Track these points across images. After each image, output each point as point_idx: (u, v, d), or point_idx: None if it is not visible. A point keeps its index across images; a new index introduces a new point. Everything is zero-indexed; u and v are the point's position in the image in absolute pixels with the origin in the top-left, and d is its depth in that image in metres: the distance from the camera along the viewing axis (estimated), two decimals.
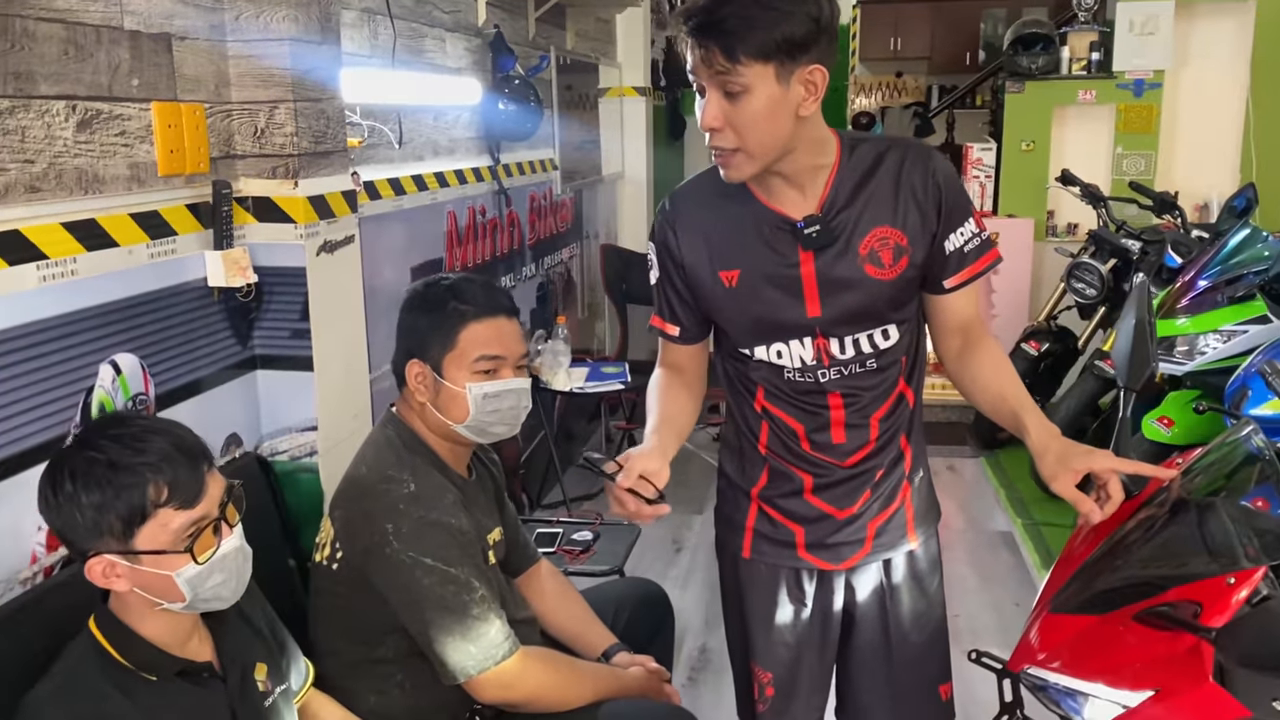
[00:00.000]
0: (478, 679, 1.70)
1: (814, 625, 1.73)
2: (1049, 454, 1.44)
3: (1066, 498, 1.40)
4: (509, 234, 3.80)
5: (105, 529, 1.29)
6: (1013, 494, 4.27)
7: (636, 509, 1.40)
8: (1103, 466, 1.38)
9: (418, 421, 1.82)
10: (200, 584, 1.33)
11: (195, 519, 1.32)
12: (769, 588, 1.73)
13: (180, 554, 1.31)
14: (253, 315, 2.10)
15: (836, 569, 1.70)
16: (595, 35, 5.07)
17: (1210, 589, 1.25)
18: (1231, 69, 5.54)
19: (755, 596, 1.74)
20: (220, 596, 1.38)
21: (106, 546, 1.29)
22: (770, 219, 1.53)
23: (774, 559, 1.71)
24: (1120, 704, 1.31)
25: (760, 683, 1.76)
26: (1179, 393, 3.40)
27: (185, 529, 1.31)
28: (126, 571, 1.30)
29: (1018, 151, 5.62)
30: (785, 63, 1.37)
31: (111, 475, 1.28)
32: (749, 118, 1.40)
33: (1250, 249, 3.48)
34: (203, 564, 1.33)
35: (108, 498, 1.28)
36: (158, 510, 1.29)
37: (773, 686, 1.75)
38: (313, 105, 2.10)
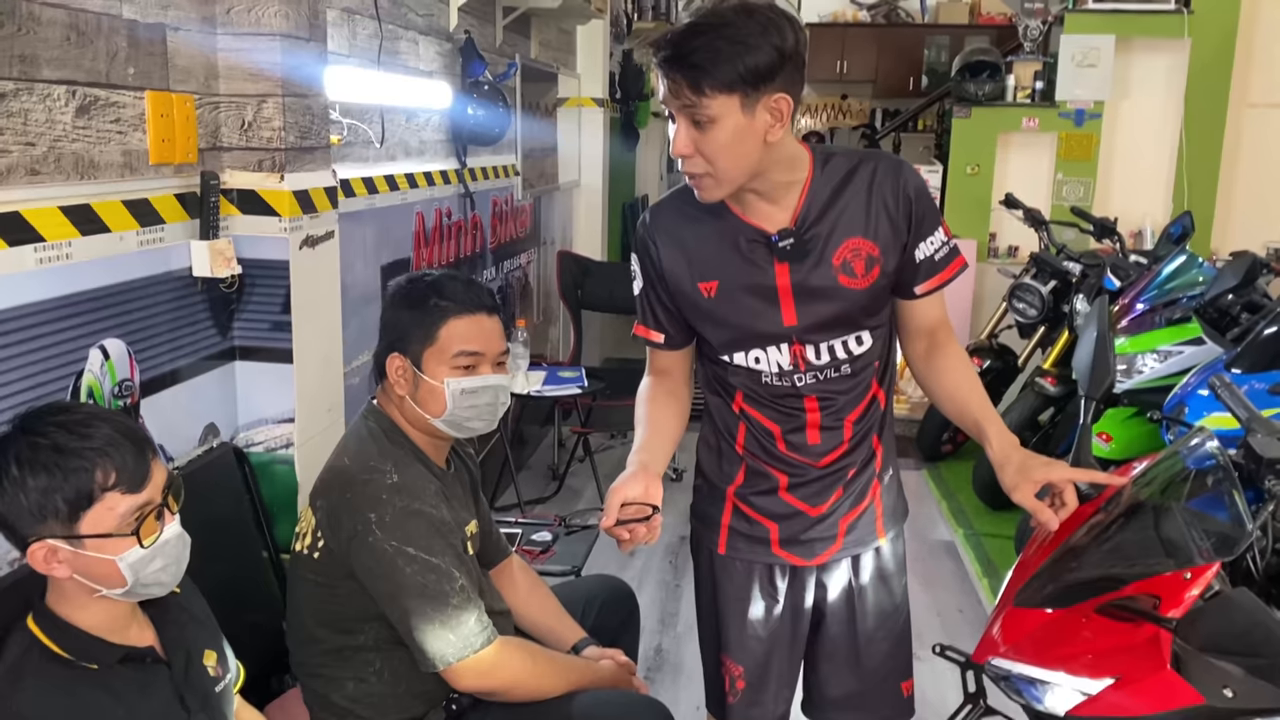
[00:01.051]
0: (456, 667, 1.73)
1: (785, 620, 1.79)
2: (1010, 465, 1.53)
3: (1026, 506, 1.49)
4: (472, 237, 3.83)
5: (50, 513, 1.28)
6: (954, 504, 4.40)
7: (632, 537, 1.46)
8: (1060, 477, 1.47)
9: (397, 414, 1.84)
10: (142, 568, 1.33)
11: (140, 504, 1.32)
12: (743, 583, 1.78)
13: (126, 537, 1.31)
14: (233, 306, 2.11)
15: (809, 565, 1.76)
16: (557, 45, 5.12)
17: (1168, 584, 1.34)
18: (1166, 102, 5.79)
19: (729, 591, 1.80)
20: (160, 582, 1.38)
21: (50, 531, 1.29)
22: (746, 232, 1.59)
23: (749, 555, 1.77)
24: (1081, 691, 1.39)
25: (731, 675, 1.81)
26: (1117, 409, 3.54)
27: (130, 513, 1.31)
28: (69, 557, 1.30)
29: (963, 175, 5.80)
30: (750, 93, 1.43)
31: (58, 459, 1.28)
32: (717, 146, 1.47)
33: (1186, 274, 3.65)
34: (148, 548, 1.33)
35: (55, 481, 1.28)
36: (104, 494, 1.30)
37: (744, 679, 1.80)
38: (299, 101, 2.13)
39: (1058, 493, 1.49)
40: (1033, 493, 1.48)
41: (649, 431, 1.66)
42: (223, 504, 2.07)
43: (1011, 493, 1.51)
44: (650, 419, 1.68)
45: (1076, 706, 1.40)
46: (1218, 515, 1.45)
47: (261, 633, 2.03)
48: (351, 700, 1.79)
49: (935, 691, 2.60)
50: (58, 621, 1.34)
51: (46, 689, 1.30)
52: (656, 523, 1.47)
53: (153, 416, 1.91)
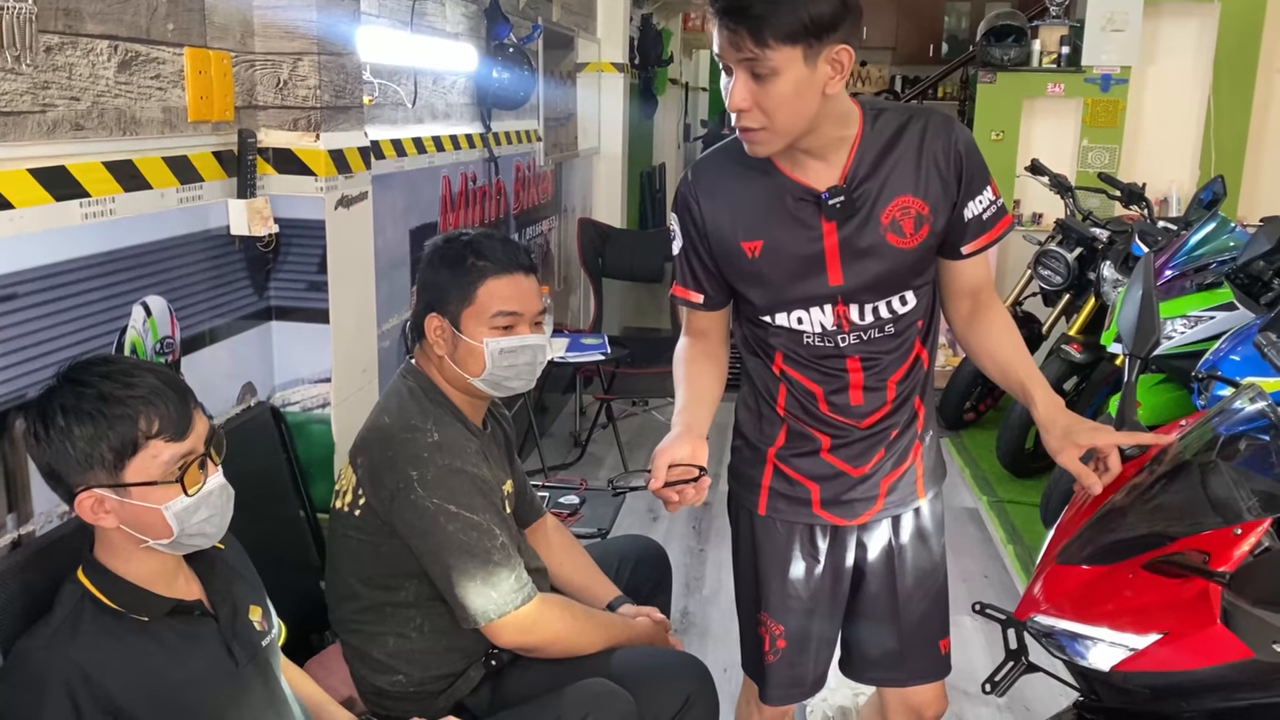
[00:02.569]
0: (497, 623, 1.74)
1: (826, 580, 1.79)
2: (1055, 428, 1.53)
3: (1071, 470, 1.49)
4: (496, 202, 3.82)
5: (96, 461, 1.29)
6: (977, 472, 4.40)
7: (680, 499, 1.45)
8: (1106, 442, 1.48)
9: (436, 374, 1.85)
10: (188, 518, 1.34)
11: (184, 452, 1.33)
12: (784, 543, 1.78)
13: (170, 485, 1.32)
14: (269, 266, 2.11)
15: (849, 525, 1.76)
16: (578, 9, 5.09)
17: (1218, 540, 1.33)
18: (1195, 67, 5.72)
19: (770, 552, 1.79)
20: (205, 533, 1.39)
21: (96, 480, 1.30)
22: (794, 190, 1.57)
23: (789, 516, 1.76)
24: (1127, 646, 1.39)
25: (772, 634, 1.81)
26: (1145, 376, 3.52)
27: (174, 462, 1.32)
28: (115, 506, 1.31)
29: (988, 141, 5.75)
30: (813, 44, 1.39)
31: (103, 407, 1.29)
32: (777, 99, 1.43)
33: (1217, 239, 3.62)
34: (192, 496, 1.34)
35: (100, 429, 1.28)
36: (149, 442, 1.30)
37: (784, 638, 1.80)
38: (334, 60, 2.12)
39: (1102, 458, 1.49)
40: (1077, 456, 1.49)
41: (689, 393, 1.64)
42: (260, 463, 2.08)
43: (1057, 456, 1.51)
44: (690, 380, 1.67)
45: (1122, 662, 1.40)
46: (1262, 473, 1.45)
47: (300, 590, 2.05)
48: (392, 655, 1.81)
49: (961, 655, 2.61)
50: (107, 573, 1.36)
51: (101, 640, 1.32)
52: (704, 484, 1.46)
53: (192, 375, 1.92)
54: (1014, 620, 1.60)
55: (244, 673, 1.44)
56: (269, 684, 1.49)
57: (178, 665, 1.36)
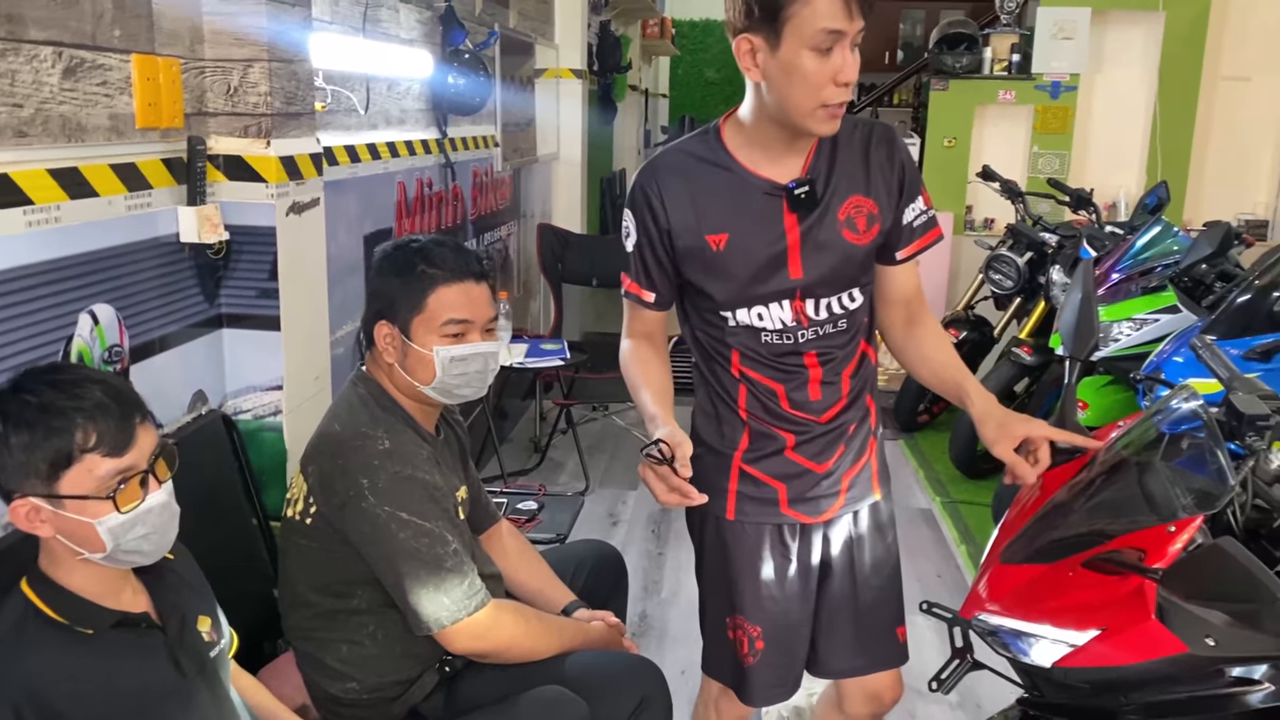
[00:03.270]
0: (450, 629, 1.74)
1: (798, 577, 1.81)
2: (991, 420, 1.58)
3: (1005, 460, 1.54)
4: (453, 207, 3.82)
5: (32, 470, 1.28)
6: (931, 474, 4.45)
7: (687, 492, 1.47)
8: (1039, 434, 1.54)
9: (387, 381, 1.84)
10: (122, 534, 1.33)
11: (122, 468, 1.31)
12: (754, 545, 1.79)
13: (103, 500, 1.30)
14: (220, 274, 2.10)
15: (816, 522, 1.79)
16: (535, 15, 5.09)
17: (1153, 537, 1.37)
18: (1141, 75, 5.84)
19: (741, 555, 1.80)
20: (141, 550, 1.37)
21: (32, 489, 1.29)
22: (758, 185, 1.61)
23: (758, 518, 1.78)
24: (1067, 643, 1.42)
25: (750, 636, 1.81)
26: (1092, 377, 3.59)
27: (111, 477, 1.31)
28: (50, 516, 1.30)
29: (940, 147, 5.84)
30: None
31: (42, 418, 1.28)
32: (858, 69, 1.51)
33: (1161, 243, 3.70)
34: (125, 514, 1.32)
35: (36, 439, 1.27)
36: (84, 455, 1.29)
37: (763, 640, 1.81)
38: (285, 66, 2.11)
39: (1034, 449, 1.54)
40: (1011, 447, 1.54)
41: (656, 392, 1.66)
42: (211, 472, 2.07)
43: (992, 446, 1.56)
44: (648, 380, 1.69)
45: (1062, 658, 1.42)
46: (1198, 472, 1.48)
47: (252, 599, 2.04)
48: (345, 663, 1.80)
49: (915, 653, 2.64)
50: (51, 585, 1.34)
51: (46, 653, 1.30)
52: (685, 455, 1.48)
53: (142, 383, 1.90)
54: (959, 619, 1.63)
55: (192, 685, 1.43)
56: (217, 696, 1.48)
57: (124, 678, 1.35)
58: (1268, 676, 1.30)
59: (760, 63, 1.51)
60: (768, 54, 1.50)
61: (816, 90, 1.48)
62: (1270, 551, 1.40)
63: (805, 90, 1.49)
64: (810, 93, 1.49)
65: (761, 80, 1.53)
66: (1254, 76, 5.93)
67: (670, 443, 1.47)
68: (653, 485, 1.48)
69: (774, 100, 1.54)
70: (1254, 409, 1.47)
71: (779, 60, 1.49)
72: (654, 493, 1.48)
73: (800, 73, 1.48)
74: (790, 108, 1.52)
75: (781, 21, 1.46)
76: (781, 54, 1.48)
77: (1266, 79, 5.91)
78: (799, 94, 1.50)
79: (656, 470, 1.47)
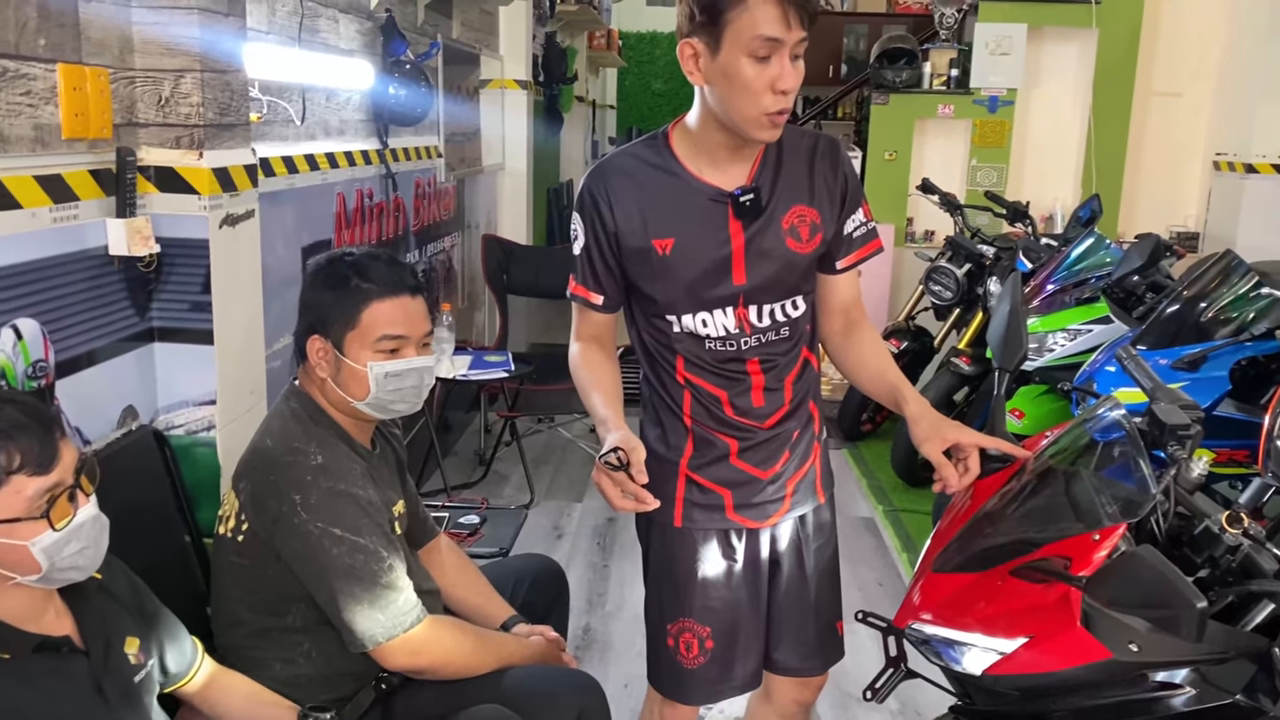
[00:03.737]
0: (386, 646, 1.73)
1: (746, 575, 1.82)
2: (924, 421, 1.62)
3: (933, 460, 1.57)
4: (394, 218, 3.79)
5: None
6: (873, 482, 4.50)
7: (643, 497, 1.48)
8: (969, 440, 1.57)
9: (320, 395, 1.82)
10: (57, 553, 1.30)
11: (49, 486, 1.29)
12: (701, 549, 1.81)
13: (37, 520, 1.28)
14: (152, 286, 2.07)
15: (761, 526, 1.81)
16: (479, 26, 5.08)
17: (1078, 545, 1.39)
18: (1076, 90, 5.97)
19: (688, 559, 1.81)
20: (78, 566, 1.35)
21: None
22: (704, 191, 1.64)
23: (705, 523, 1.80)
24: (997, 650, 1.44)
25: (699, 637, 1.83)
26: (1028, 387, 3.66)
27: (40, 496, 1.28)
28: None
29: (882, 160, 5.91)
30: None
31: None
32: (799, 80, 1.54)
33: (1095, 255, 3.78)
34: (60, 530, 1.30)
35: None
36: (10, 477, 1.26)
37: (713, 639, 1.82)
38: (218, 77, 2.09)
39: (964, 457, 1.57)
40: (941, 449, 1.57)
41: (606, 397, 1.67)
42: (143, 488, 2.03)
43: (921, 445, 1.59)
44: (599, 384, 1.69)
45: (992, 666, 1.44)
46: (1124, 480, 1.52)
47: (185, 617, 1.98)
48: (279, 682, 1.77)
49: (855, 662, 2.66)
50: None
51: None
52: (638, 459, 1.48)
53: (69, 399, 1.87)
54: (893, 628, 1.65)
55: (115, 711, 1.39)
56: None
57: (43, 705, 1.32)
58: (1188, 680, 1.33)
59: (702, 67, 1.54)
60: (708, 59, 1.52)
61: (756, 97, 1.51)
62: (1191, 558, 1.43)
63: (745, 97, 1.51)
64: (750, 99, 1.51)
65: (704, 85, 1.56)
66: (1184, 92, 6.09)
67: (625, 448, 1.47)
68: (607, 491, 1.48)
69: (717, 105, 1.56)
70: (1175, 419, 1.50)
71: (719, 65, 1.51)
72: (609, 498, 1.48)
73: (739, 79, 1.50)
74: (732, 113, 1.54)
75: (721, 27, 1.48)
76: (721, 59, 1.50)
77: (1196, 95, 6.07)
78: (739, 100, 1.52)
79: (613, 476, 1.47)
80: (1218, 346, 2.95)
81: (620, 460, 1.46)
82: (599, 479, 1.49)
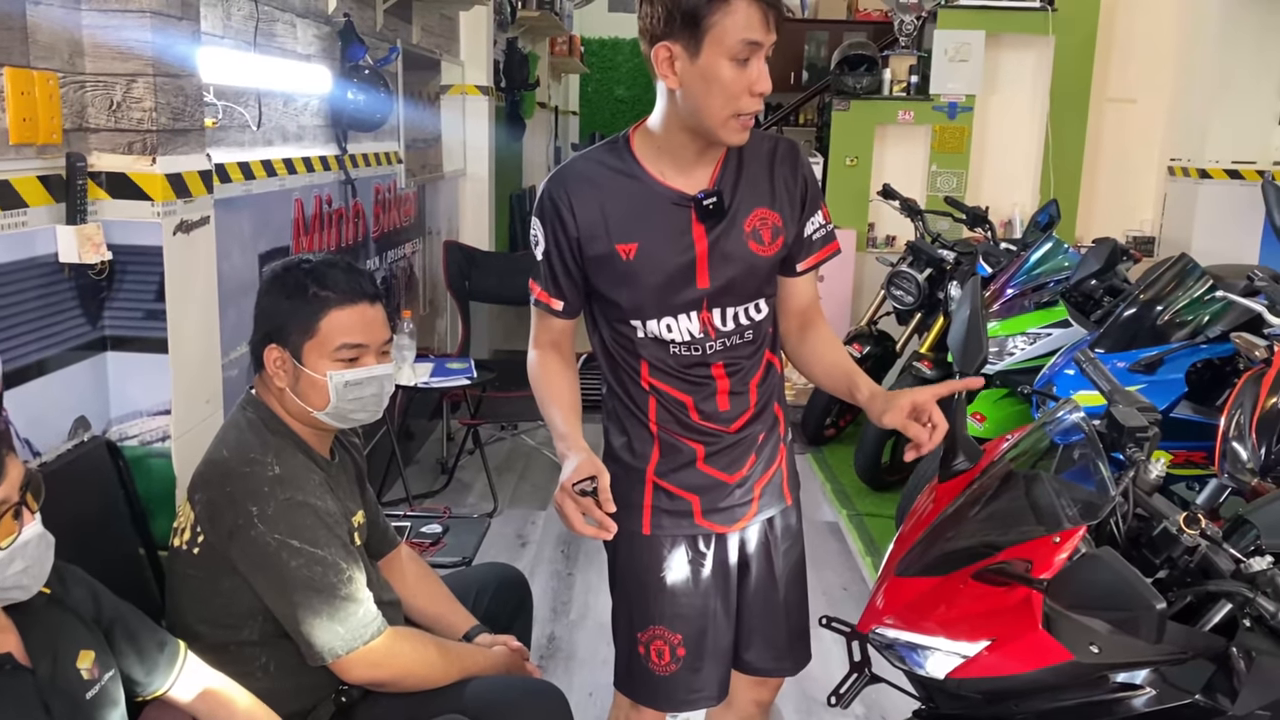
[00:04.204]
0: (346, 659, 1.70)
1: (716, 581, 1.82)
2: (879, 399, 1.64)
3: (899, 426, 1.58)
4: (354, 225, 3.75)
5: None
6: (838, 487, 4.51)
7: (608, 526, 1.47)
8: (924, 398, 1.57)
9: (277, 405, 1.79)
10: (1, 572, 1.28)
11: None
12: (669, 556, 1.80)
13: None
14: (104, 294, 2.03)
15: (730, 531, 1.80)
16: (440, 31, 5.05)
17: (1039, 548, 1.40)
18: (1033, 96, 6.05)
19: (658, 567, 1.80)
20: (21, 585, 1.32)
21: None
22: (667, 195, 1.63)
23: (673, 530, 1.79)
24: (959, 654, 1.45)
25: (671, 644, 1.81)
26: (989, 391, 3.69)
27: None
28: None
29: (843, 166, 5.95)
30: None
31: None
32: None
33: (1053, 260, 3.82)
34: (3, 550, 1.27)
35: None
36: None
37: (684, 646, 1.81)
38: (171, 81, 2.05)
39: (926, 417, 1.57)
40: (903, 415, 1.57)
41: (566, 413, 1.66)
42: (95, 500, 1.99)
43: (883, 417, 1.60)
44: (557, 399, 1.69)
45: (955, 669, 1.45)
46: (1084, 483, 1.53)
47: None
48: None
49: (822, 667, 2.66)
50: None
51: None
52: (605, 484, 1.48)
53: (18, 410, 1.82)
54: (857, 633, 1.65)
55: None
56: None
57: None
58: (1149, 681, 1.34)
59: (679, 70, 1.53)
60: (686, 62, 1.52)
61: (734, 99, 1.51)
62: (1150, 559, 1.44)
63: (723, 99, 1.51)
64: (727, 102, 1.52)
65: (679, 88, 1.55)
66: (1139, 99, 6.19)
67: (594, 474, 1.47)
68: (570, 516, 1.47)
69: (689, 108, 1.56)
70: (1133, 421, 1.52)
71: (698, 68, 1.51)
72: (570, 523, 1.47)
73: (719, 82, 1.50)
74: (705, 116, 1.54)
75: (703, 30, 1.48)
76: (701, 62, 1.50)
77: (1150, 101, 6.17)
78: (716, 103, 1.52)
79: (579, 501, 1.46)
80: (1174, 349, 2.99)
81: (589, 488, 1.46)
82: (562, 502, 1.48)
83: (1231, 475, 2.30)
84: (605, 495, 1.46)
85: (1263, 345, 2.62)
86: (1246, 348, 2.66)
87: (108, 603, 1.54)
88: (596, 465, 1.50)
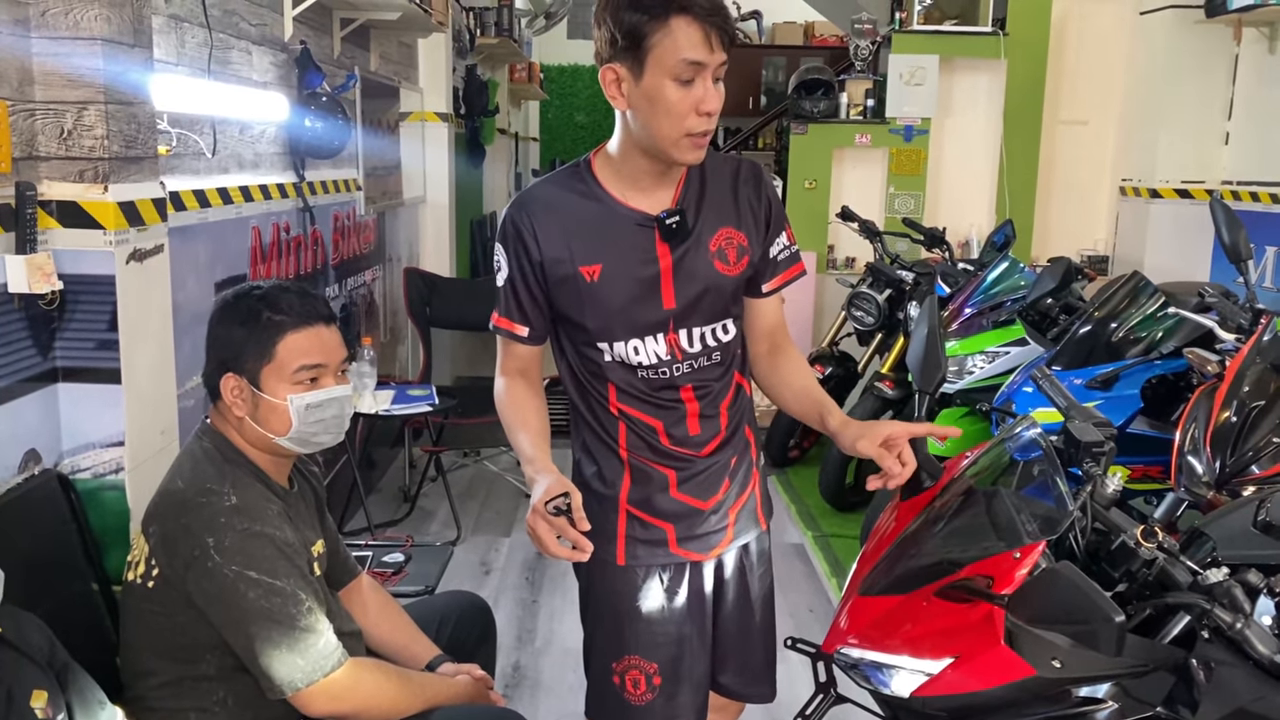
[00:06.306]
0: (306, 692, 1.67)
1: (691, 608, 1.80)
2: (850, 428, 1.63)
3: (872, 455, 1.57)
4: (313, 252, 3.73)
5: None
6: (802, 508, 4.52)
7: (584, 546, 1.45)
8: (898, 433, 1.57)
9: (235, 434, 1.77)
10: None
11: None
12: (645, 586, 1.77)
13: None
14: (55, 325, 1.99)
15: (706, 559, 1.79)
16: (398, 59, 5.05)
17: (1000, 564, 1.41)
18: (987, 119, 6.14)
19: (631, 596, 1.78)
20: None
21: None
22: (630, 216, 1.64)
23: (648, 559, 1.76)
24: (924, 672, 1.45)
25: (647, 673, 1.79)
26: (949, 409, 3.72)
27: None
28: None
29: (802, 189, 6.00)
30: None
31: None
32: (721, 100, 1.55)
33: (1009, 279, 3.87)
34: None
35: None
36: None
37: (660, 675, 1.78)
38: (124, 109, 2.03)
39: (898, 450, 1.57)
40: (877, 444, 1.56)
41: (533, 438, 1.65)
42: (47, 535, 1.95)
43: (856, 445, 1.59)
44: (525, 425, 1.67)
45: (920, 687, 1.45)
46: (1043, 498, 1.54)
47: (93, 668, 1.90)
48: None
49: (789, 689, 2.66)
50: None
51: None
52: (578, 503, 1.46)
53: None
54: (822, 654, 1.64)
55: None
56: None
57: None
58: (1110, 695, 1.35)
59: (625, 92, 1.54)
60: (631, 84, 1.53)
61: (680, 119, 1.52)
62: (1109, 573, 1.45)
63: (670, 119, 1.52)
64: (674, 122, 1.52)
65: (627, 109, 1.56)
66: (1090, 120, 6.30)
67: (566, 492, 1.45)
68: (544, 538, 1.44)
69: (640, 129, 1.56)
70: (1090, 436, 1.53)
71: (642, 90, 1.52)
72: (544, 545, 1.44)
73: (664, 102, 1.51)
74: (656, 137, 1.55)
75: (644, 51, 1.49)
76: (645, 84, 1.51)
77: (1101, 124, 6.28)
78: (664, 123, 1.53)
79: (553, 522, 1.43)
80: (1129, 365, 3.03)
81: (563, 506, 1.44)
82: (535, 524, 1.45)
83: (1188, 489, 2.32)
84: (579, 514, 1.44)
85: (1215, 360, 2.66)
86: (1199, 363, 2.70)
87: (61, 652, 1.51)
88: (567, 485, 1.48)
